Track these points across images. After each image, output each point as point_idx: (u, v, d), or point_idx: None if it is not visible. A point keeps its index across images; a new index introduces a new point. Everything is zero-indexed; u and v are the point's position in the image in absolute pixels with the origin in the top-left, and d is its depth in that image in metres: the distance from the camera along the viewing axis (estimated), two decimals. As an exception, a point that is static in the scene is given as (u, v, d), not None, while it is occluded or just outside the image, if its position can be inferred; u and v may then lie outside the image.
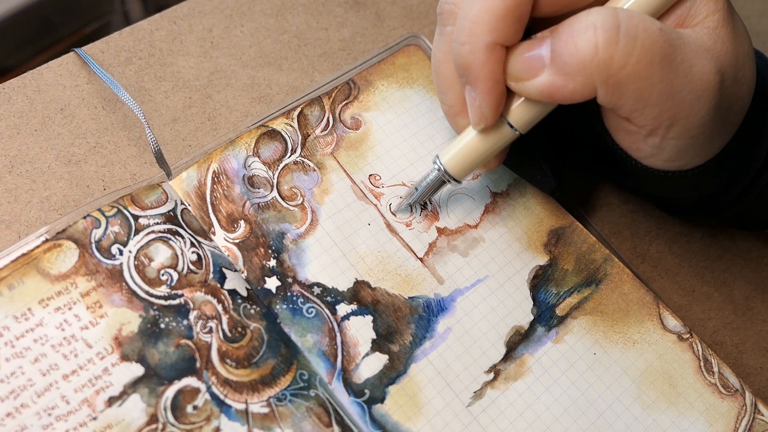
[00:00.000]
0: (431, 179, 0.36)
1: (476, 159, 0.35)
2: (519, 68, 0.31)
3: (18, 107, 0.37)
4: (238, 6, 0.43)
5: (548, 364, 0.36)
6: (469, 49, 0.31)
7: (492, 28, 0.31)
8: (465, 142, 0.35)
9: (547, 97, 0.31)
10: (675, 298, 0.41)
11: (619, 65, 0.29)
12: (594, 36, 0.29)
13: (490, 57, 0.31)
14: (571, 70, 0.30)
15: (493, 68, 0.31)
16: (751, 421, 0.36)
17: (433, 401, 0.34)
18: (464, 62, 0.32)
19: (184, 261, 0.33)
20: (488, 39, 0.31)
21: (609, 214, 0.42)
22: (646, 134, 0.32)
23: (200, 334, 0.32)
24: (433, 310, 0.36)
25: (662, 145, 0.32)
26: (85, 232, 0.33)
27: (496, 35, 0.31)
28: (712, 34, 0.31)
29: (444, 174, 0.36)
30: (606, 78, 0.30)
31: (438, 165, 0.36)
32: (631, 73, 0.29)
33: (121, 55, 0.40)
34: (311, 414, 0.32)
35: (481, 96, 0.32)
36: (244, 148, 0.37)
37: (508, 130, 0.34)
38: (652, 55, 0.29)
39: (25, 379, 0.30)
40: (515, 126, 0.34)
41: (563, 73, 0.30)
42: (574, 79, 0.30)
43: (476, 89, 0.32)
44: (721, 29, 0.31)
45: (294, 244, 0.36)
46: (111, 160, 0.37)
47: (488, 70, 0.31)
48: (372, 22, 0.44)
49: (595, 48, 0.29)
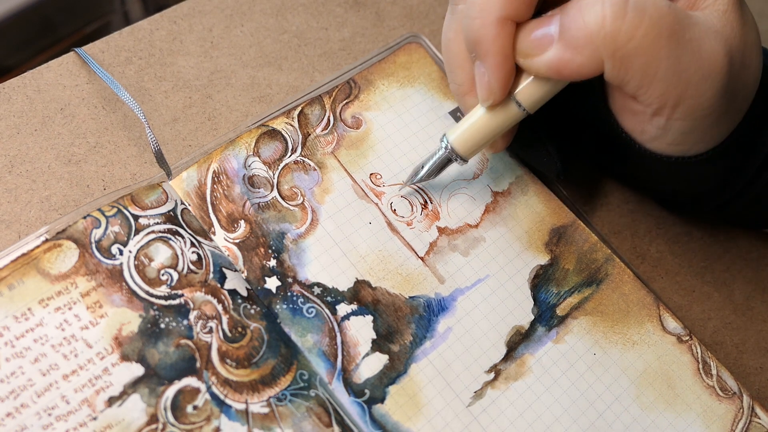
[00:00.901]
0: (438, 157, 0.37)
1: (484, 137, 0.35)
2: (528, 44, 0.32)
3: (18, 107, 0.37)
4: (238, 6, 0.43)
5: (548, 364, 0.36)
6: (480, 24, 0.31)
7: (503, 2, 0.31)
8: (473, 121, 0.35)
9: (555, 72, 0.31)
10: (675, 298, 0.40)
11: (626, 38, 0.29)
12: (602, 9, 0.29)
13: (501, 31, 0.31)
14: (578, 44, 0.30)
15: (504, 43, 0.32)
16: (747, 423, 0.36)
17: (433, 401, 0.34)
18: (475, 36, 0.32)
19: (184, 261, 0.33)
20: (499, 13, 0.31)
21: (609, 213, 0.42)
22: (651, 114, 0.32)
23: (200, 334, 0.32)
24: (434, 310, 0.36)
25: (667, 126, 0.32)
26: (85, 232, 0.33)
27: (507, 9, 0.31)
28: (721, 18, 0.31)
29: (451, 152, 0.36)
30: (613, 51, 0.29)
31: (445, 143, 0.36)
32: (638, 47, 0.29)
33: (121, 55, 0.40)
34: (311, 414, 0.32)
35: (490, 70, 0.32)
36: (245, 147, 0.37)
37: (516, 108, 0.34)
38: (659, 29, 0.29)
39: (25, 379, 0.30)
40: (523, 105, 0.34)
41: (571, 47, 0.30)
42: (581, 52, 0.30)
43: (486, 63, 0.32)
44: (730, 13, 0.31)
45: (294, 244, 0.36)
46: (111, 159, 0.37)
47: (498, 44, 0.31)
48: (372, 21, 0.44)
49: (603, 21, 0.29)
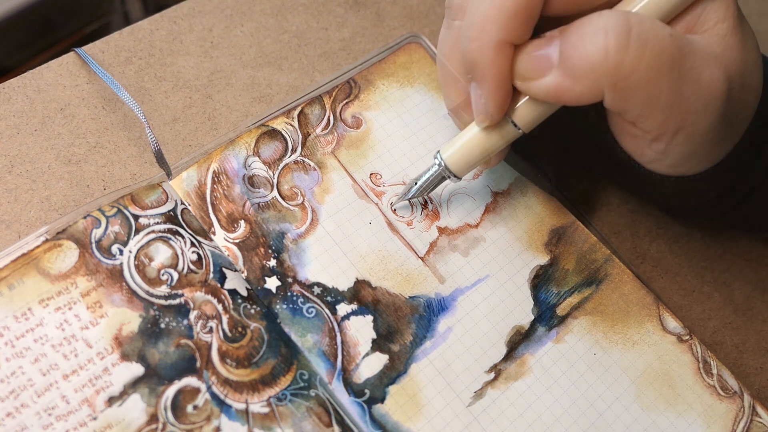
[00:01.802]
0: (431, 174, 0.36)
1: (478, 156, 0.35)
2: (526, 67, 0.31)
3: (18, 107, 0.37)
4: (238, 6, 0.43)
5: (549, 364, 0.36)
6: (477, 46, 0.31)
7: (502, 25, 0.30)
8: (467, 139, 0.35)
9: (553, 98, 0.31)
10: (675, 298, 0.40)
11: (628, 70, 0.29)
12: (604, 40, 0.28)
13: (499, 55, 0.31)
14: (579, 73, 0.29)
15: (501, 67, 0.31)
16: (748, 423, 0.36)
17: (433, 401, 0.34)
18: (472, 59, 0.31)
19: (184, 261, 0.33)
20: (498, 36, 0.30)
21: (609, 213, 0.42)
22: (651, 139, 0.32)
23: (200, 333, 0.32)
24: (434, 310, 0.36)
25: (667, 151, 0.32)
26: (85, 231, 0.33)
27: (505, 33, 0.30)
28: (721, 42, 0.31)
29: (444, 170, 0.36)
30: (614, 83, 0.29)
31: (439, 160, 0.36)
32: (640, 79, 0.29)
33: (121, 55, 0.40)
34: (311, 414, 0.32)
35: (487, 94, 0.32)
36: (245, 147, 0.37)
37: (511, 128, 0.34)
38: (661, 61, 0.29)
39: (25, 378, 0.30)
40: (519, 125, 0.33)
41: (571, 76, 0.30)
42: (581, 82, 0.29)
43: (483, 87, 0.32)
44: (730, 37, 0.31)
45: (294, 244, 0.36)
46: (111, 159, 0.37)
47: (496, 68, 0.31)
48: (372, 22, 0.44)
49: (605, 52, 0.28)
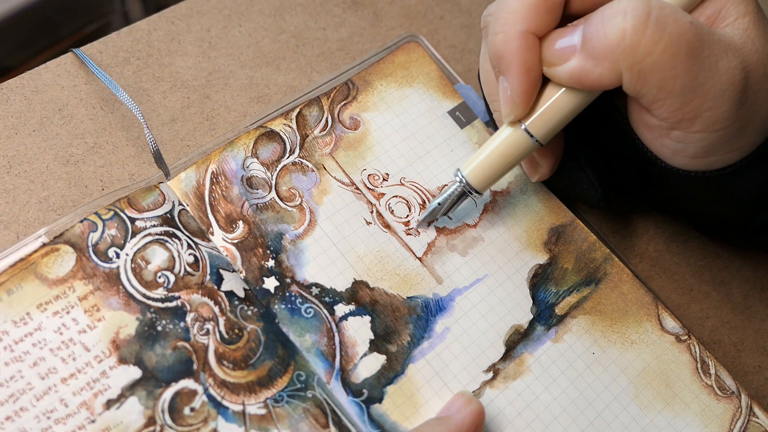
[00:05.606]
0: (452, 192, 0.36)
1: (497, 170, 0.35)
2: (551, 53, 0.32)
3: (16, 107, 0.37)
4: (236, 6, 0.43)
5: (547, 363, 0.36)
6: (502, 38, 0.32)
7: (524, 16, 0.31)
8: (486, 154, 0.35)
9: (576, 81, 0.32)
10: (673, 296, 0.40)
11: (644, 53, 0.29)
12: (623, 21, 0.29)
13: (523, 44, 0.32)
14: (598, 54, 0.30)
15: (525, 56, 0.32)
16: (745, 423, 0.36)
17: (430, 401, 0.34)
18: (497, 51, 0.32)
19: (181, 263, 0.34)
20: (521, 27, 0.32)
21: (607, 212, 0.42)
22: (668, 128, 0.32)
23: (197, 336, 0.32)
24: (432, 310, 0.36)
25: (687, 140, 0.32)
26: (82, 235, 0.33)
27: (528, 23, 0.31)
28: (742, 35, 0.31)
29: (465, 186, 0.36)
30: (631, 64, 0.30)
31: (459, 177, 0.36)
32: (656, 62, 0.30)
33: (119, 56, 0.40)
34: (308, 415, 0.32)
35: (512, 83, 0.32)
36: (243, 149, 0.37)
37: (527, 139, 0.34)
38: (678, 46, 0.29)
39: (24, 382, 0.30)
40: (535, 135, 0.34)
41: (591, 57, 0.31)
42: (601, 63, 0.30)
43: (508, 76, 0.32)
44: (751, 31, 0.31)
45: (292, 245, 0.36)
46: (109, 160, 0.37)
47: (520, 57, 0.32)
48: (370, 22, 0.44)
49: (623, 33, 0.29)
